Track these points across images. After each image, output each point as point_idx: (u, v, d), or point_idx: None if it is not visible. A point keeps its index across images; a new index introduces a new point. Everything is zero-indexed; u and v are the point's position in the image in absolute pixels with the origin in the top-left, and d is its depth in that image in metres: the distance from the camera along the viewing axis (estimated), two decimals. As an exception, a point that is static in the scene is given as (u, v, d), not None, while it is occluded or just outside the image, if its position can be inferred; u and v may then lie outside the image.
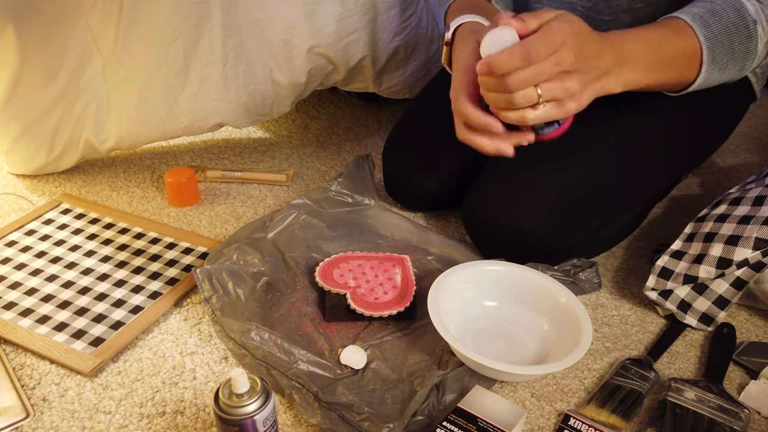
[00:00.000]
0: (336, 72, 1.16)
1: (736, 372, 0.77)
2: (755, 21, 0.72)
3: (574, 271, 0.89)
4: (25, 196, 1.11)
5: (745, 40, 0.73)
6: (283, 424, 0.69)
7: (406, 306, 0.81)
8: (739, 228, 0.79)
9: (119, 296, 0.86)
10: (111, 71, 1.05)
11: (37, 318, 0.82)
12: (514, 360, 0.77)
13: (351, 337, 0.80)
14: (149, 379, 0.75)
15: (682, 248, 0.84)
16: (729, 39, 0.73)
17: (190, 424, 0.69)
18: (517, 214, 0.86)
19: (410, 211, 1.09)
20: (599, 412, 0.70)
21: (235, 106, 1.12)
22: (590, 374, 0.77)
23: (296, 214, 0.97)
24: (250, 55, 1.08)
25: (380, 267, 0.88)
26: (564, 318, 0.78)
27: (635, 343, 0.82)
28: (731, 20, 0.72)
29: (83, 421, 0.70)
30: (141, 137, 1.13)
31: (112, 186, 1.14)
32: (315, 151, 1.28)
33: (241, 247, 0.88)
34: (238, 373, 0.57)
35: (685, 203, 1.13)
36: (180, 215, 1.07)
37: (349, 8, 1.09)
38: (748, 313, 0.87)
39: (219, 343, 0.80)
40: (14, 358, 0.77)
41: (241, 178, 1.16)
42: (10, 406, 0.70)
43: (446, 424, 0.65)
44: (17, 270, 0.91)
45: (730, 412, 0.70)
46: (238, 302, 0.81)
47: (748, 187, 0.89)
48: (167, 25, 1.00)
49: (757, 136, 1.39)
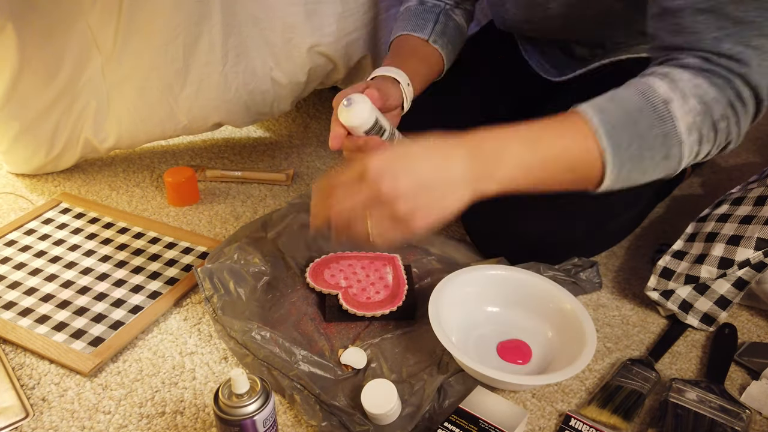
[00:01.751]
0: (336, 71, 1.16)
1: (737, 372, 0.77)
2: (665, 101, 0.62)
3: (575, 271, 0.89)
4: (25, 195, 1.11)
5: (656, 122, 0.62)
6: (283, 424, 0.69)
7: (399, 305, 0.81)
8: (741, 228, 0.79)
9: (119, 296, 0.86)
10: (111, 70, 1.05)
11: (37, 318, 0.82)
12: (516, 368, 0.76)
13: (351, 338, 0.79)
14: (149, 379, 0.75)
15: (683, 248, 0.84)
16: (633, 123, 0.62)
17: (190, 424, 0.69)
18: (517, 213, 0.86)
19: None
20: (600, 413, 0.70)
21: (234, 106, 1.11)
22: (591, 375, 0.77)
23: (296, 214, 0.97)
24: (250, 54, 1.07)
25: (371, 266, 0.88)
26: (568, 325, 0.77)
27: (636, 343, 0.82)
28: (634, 103, 0.63)
29: (83, 421, 0.69)
30: (140, 136, 1.13)
31: (112, 185, 1.14)
32: (315, 151, 1.28)
33: (241, 247, 0.88)
34: (238, 373, 0.57)
35: (686, 203, 1.13)
36: (179, 215, 1.06)
37: (349, 7, 1.09)
38: (750, 314, 0.87)
39: (219, 343, 0.80)
40: (13, 358, 0.77)
41: (241, 177, 1.16)
42: (10, 406, 0.70)
43: (447, 425, 0.65)
44: (16, 269, 0.91)
45: (732, 413, 0.69)
46: (239, 302, 0.81)
47: (750, 187, 0.88)
48: (167, 25, 1.00)
49: (759, 136, 1.38)
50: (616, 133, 0.62)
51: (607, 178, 0.63)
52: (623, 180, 0.65)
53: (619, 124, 0.62)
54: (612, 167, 0.62)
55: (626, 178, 0.65)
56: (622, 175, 0.64)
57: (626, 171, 0.63)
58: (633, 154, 0.62)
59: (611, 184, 0.65)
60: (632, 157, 0.63)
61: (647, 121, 0.62)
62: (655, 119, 0.62)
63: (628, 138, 0.62)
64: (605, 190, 0.66)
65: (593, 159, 0.62)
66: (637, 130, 0.62)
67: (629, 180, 0.65)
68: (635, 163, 0.63)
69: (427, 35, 0.95)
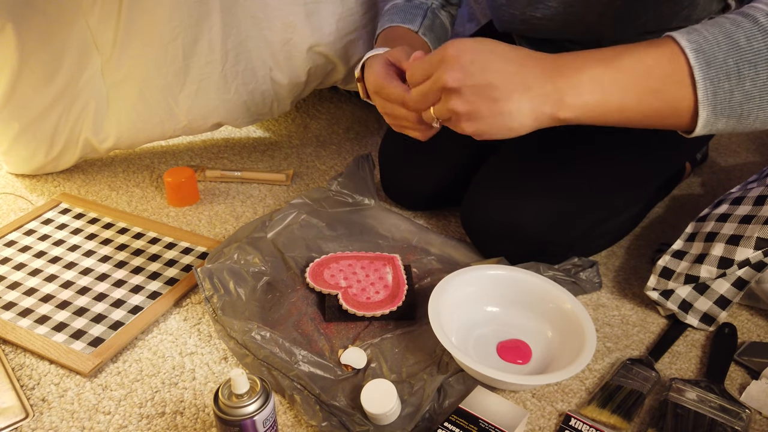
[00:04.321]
0: (336, 71, 1.16)
1: (737, 372, 0.77)
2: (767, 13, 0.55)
3: (575, 271, 0.89)
4: (24, 195, 1.10)
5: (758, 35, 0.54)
6: (283, 424, 0.69)
7: (399, 305, 0.81)
8: (741, 228, 0.79)
9: (118, 296, 0.86)
10: (110, 71, 1.05)
11: (37, 318, 0.82)
12: (516, 368, 0.76)
13: (351, 338, 0.79)
14: (149, 379, 0.75)
15: (683, 248, 0.84)
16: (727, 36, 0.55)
17: (190, 424, 0.69)
18: (516, 212, 0.86)
19: (408, 210, 1.09)
20: (600, 413, 0.70)
21: (234, 106, 1.11)
22: (591, 374, 0.77)
23: (296, 214, 0.97)
24: (249, 55, 1.07)
25: (371, 267, 0.88)
26: (568, 325, 0.77)
27: (636, 343, 0.82)
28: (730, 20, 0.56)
29: (82, 422, 0.69)
30: (140, 137, 1.13)
31: (112, 186, 1.14)
32: (315, 151, 1.28)
33: (241, 247, 0.88)
34: (238, 373, 0.57)
35: (686, 203, 1.13)
36: (179, 215, 1.06)
37: (349, 7, 1.09)
38: (750, 313, 0.87)
39: (219, 344, 0.80)
40: (13, 359, 0.77)
41: (241, 177, 1.16)
42: (10, 407, 0.70)
43: (447, 425, 0.65)
44: (16, 270, 0.91)
45: (732, 413, 0.69)
46: (239, 302, 0.81)
47: (750, 186, 0.88)
48: (166, 25, 1.00)
49: (759, 136, 1.38)
50: (708, 48, 0.55)
51: (701, 107, 0.55)
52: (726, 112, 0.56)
53: (712, 40, 0.55)
54: (704, 89, 0.55)
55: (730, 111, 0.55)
56: (720, 101, 0.55)
57: (724, 95, 0.55)
58: (730, 71, 0.54)
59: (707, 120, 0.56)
60: (729, 75, 0.54)
61: (746, 34, 0.54)
62: (758, 32, 0.54)
63: (723, 53, 0.54)
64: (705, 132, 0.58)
65: (681, 79, 0.55)
66: (734, 43, 0.54)
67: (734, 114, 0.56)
68: (734, 82, 0.54)
69: (417, 27, 0.94)
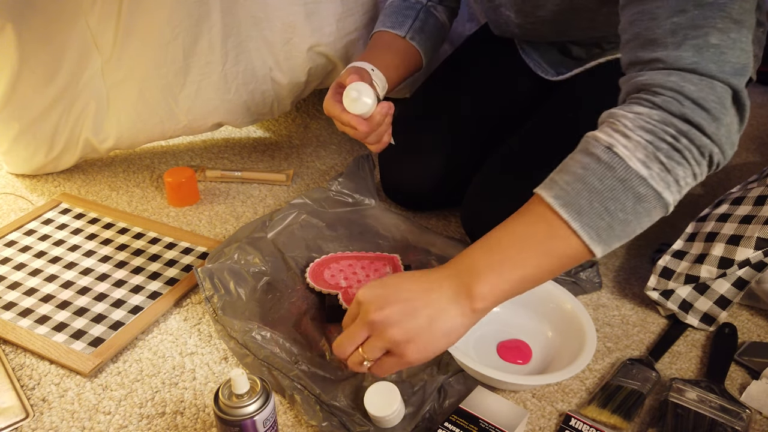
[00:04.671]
0: (336, 71, 1.16)
1: (737, 372, 0.77)
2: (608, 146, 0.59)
3: (575, 271, 0.89)
4: (25, 195, 1.10)
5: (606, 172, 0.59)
6: (283, 424, 0.69)
7: None
8: (741, 228, 0.79)
9: (119, 296, 0.86)
10: (110, 71, 1.05)
11: (37, 318, 0.82)
12: (516, 368, 0.76)
13: (351, 338, 0.79)
14: (149, 379, 0.75)
15: (683, 248, 0.84)
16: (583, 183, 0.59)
17: (190, 424, 0.69)
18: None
19: (408, 210, 1.09)
20: (600, 413, 0.70)
21: (234, 106, 1.11)
22: (591, 374, 0.77)
23: (296, 214, 0.97)
24: (249, 55, 1.07)
25: (371, 267, 0.88)
26: (568, 325, 0.77)
27: (636, 343, 0.82)
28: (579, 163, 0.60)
29: (83, 422, 0.69)
30: (140, 137, 1.13)
31: (112, 186, 1.14)
32: (315, 151, 1.28)
33: (241, 247, 0.88)
34: (238, 373, 0.57)
35: (686, 203, 1.12)
36: (179, 215, 1.06)
37: (349, 7, 1.09)
38: (750, 313, 0.87)
39: (219, 344, 0.80)
40: (14, 359, 0.77)
41: (241, 177, 1.16)
42: (10, 407, 0.70)
43: (448, 425, 0.65)
44: (17, 270, 0.91)
45: (732, 413, 0.69)
46: (239, 302, 0.81)
47: (750, 186, 0.88)
48: (166, 25, 1.00)
49: (759, 136, 1.38)
50: (573, 200, 0.59)
51: (592, 246, 0.59)
52: (614, 239, 0.60)
53: (572, 191, 0.59)
54: (587, 234, 0.59)
55: (617, 236, 0.60)
56: (605, 236, 0.59)
57: (606, 231, 0.59)
58: (600, 211, 0.58)
59: (603, 249, 0.60)
60: (601, 214, 0.58)
61: (596, 175, 0.59)
62: (604, 170, 0.59)
63: (587, 200, 0.59)
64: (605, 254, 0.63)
65: (564, 234, 0.59)
66: (590, 187, 0.59)
67: (623, 235, 0.61)
68: (608, 218, 0.59)
69: (404, 32, 0.97)
